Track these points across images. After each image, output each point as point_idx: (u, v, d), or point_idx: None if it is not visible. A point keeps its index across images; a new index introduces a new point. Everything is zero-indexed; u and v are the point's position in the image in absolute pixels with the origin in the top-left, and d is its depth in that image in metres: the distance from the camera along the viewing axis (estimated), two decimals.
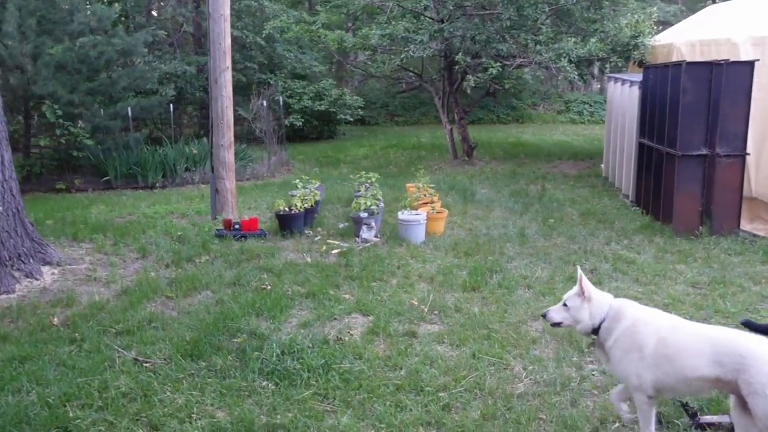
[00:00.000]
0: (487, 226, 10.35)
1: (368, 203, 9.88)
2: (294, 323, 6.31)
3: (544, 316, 4.29)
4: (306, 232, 10.03)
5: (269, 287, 7.30)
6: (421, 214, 9.67)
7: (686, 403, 4.26)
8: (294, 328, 6.18)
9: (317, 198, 10.94)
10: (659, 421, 4.37)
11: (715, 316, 6.32)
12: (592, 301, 4.15)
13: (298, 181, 11.33)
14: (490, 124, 30.88)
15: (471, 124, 19.70)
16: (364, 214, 9.76)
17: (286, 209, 10.06)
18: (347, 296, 7.05)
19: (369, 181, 11.64)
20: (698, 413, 4.17)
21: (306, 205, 10.29)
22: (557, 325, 4.26)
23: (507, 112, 32.22)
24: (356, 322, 6.37)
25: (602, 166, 16.01)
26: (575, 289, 4.19)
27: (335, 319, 6.41)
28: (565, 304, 4.22)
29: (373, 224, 9.51)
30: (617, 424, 4.34)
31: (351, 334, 5.95)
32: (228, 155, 11.02)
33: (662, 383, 3.92)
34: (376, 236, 9.57)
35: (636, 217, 10.87)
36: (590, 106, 32.69)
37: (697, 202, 9.68)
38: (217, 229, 9.93)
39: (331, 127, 27.12)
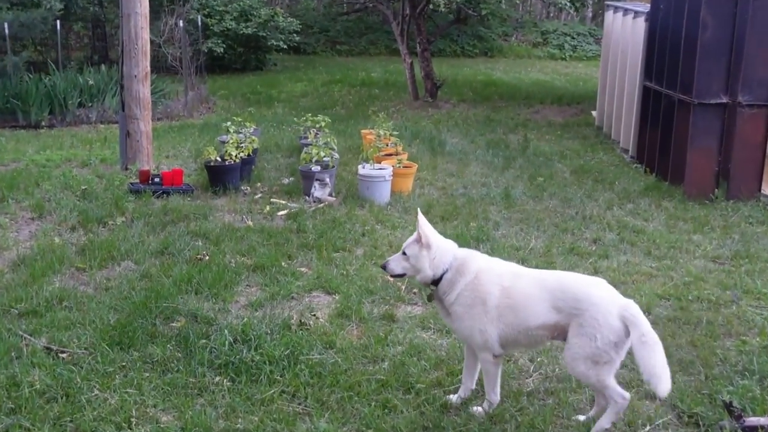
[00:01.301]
0: (464, 185, 10.40)
1: (321, 154, 9.77)
2: (243, 303, 6.24)
3: (383, 267, 4.63)
4: (243, 188, 9.90)
5: (206, 257, 7.17)
6: (387, 169, 9.62)
7: (731, 402, 4.40)
8: (244, 309, 6.10)
9: (255, 146, 10.77)
10: (696, 424, 4.51)
11: (746, 297, 6.53)
12: (432, 249, 4.46)
13: (230, 123, 11.12)
14: (452, 58, 30.88)
15: (432, 58, 19.58)
16: (316, 168, 9.65)
17: (218, 159, 9.87)
18: (304, 270, 7.00)
19: (318, 125, 11.50)
20: (743, 415, 4.31)
21: (242, 155, 10.12)
22: (399, 276, 4.64)
23: (473, 43, 32.21)
24: (320, 302, 6.33)
25: (594, 113, 16.25)
26: (415, 235, 4.51)
27: (293, 298, 6.36)
28: (404, 253, 4.54)
29: (327, 180, 9.43)
30: (648, 427, 4.45)
31: (316, 318, 5.91)
32: (143, 89, 10.69)
33: (506, 337, 4.36)
34: (330, 195, 9.50)
35: (639, 177, 11.12)
36: (572, 38, 33.01)
37: (713, 160, 9.94)
38: (131, 183, 9.70)
39: (259, 55, 26.61)
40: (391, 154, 10.80)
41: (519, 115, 17.30)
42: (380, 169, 9.65)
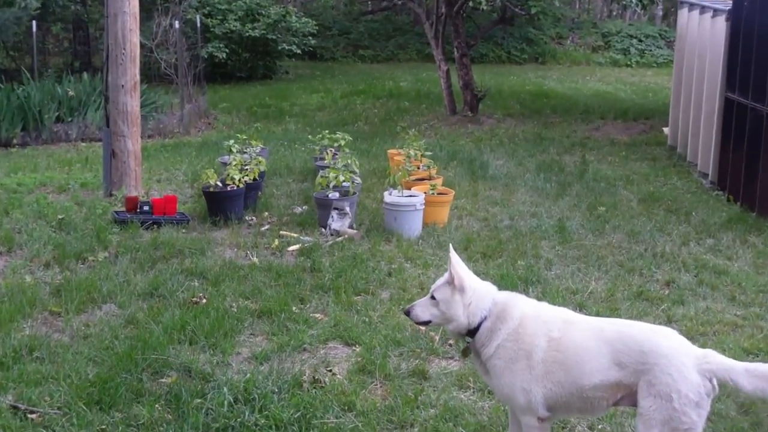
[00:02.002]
0: (510, 215, 10.40)
1: (341, 178, 9.81)
2: (245, 355, 6.24)
3: (407, 313, 4.61)
4: (247, 218, 9.95)
5: (203, 300, 7.20)
6: (418, 196, 9.66)
7: None
8: (247, 362, 6.10)
9: (262, 168, 10.85)
10: None
11: None
12: (467, 292, 4.44)
13: (232, 142, 11.23)
14: (497, 64, 31.10)
15: (473, 64, 19.71)
16: (334, 195, 9.70)
17: (218, 184, 9.95)
18: (319, 316, 7.00)
19: (337, 144, 11.57)
20: None
21: (247, 179, 10.20)
22: (425, 324, 4.62)
23: (521, 47, 32.39)
24: (337, 354, 6.32)
25: (666, 130, 16.25)
26: (446, 276, 4.49)
27: (305, 349, 6.35)
28: (433, 297, 4.51)
29: (348, 209, 9.46)
30: None
31: (333, 374, 5.89)
32: (132, 102, 10.83)
33: (555, 398, 4.27)
34: (351, 227, 9.52)
35: (720, 206, 11.06)
36: (639, 41, 33.08)
37: None
38: (116, 212, 9.77)
39: (268, 62, 26.96)
40: (423, 179, 10.80)
41: (576, 133, 17.28)
42: (410, 196, 9.66)
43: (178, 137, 16.99)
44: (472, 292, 4.43)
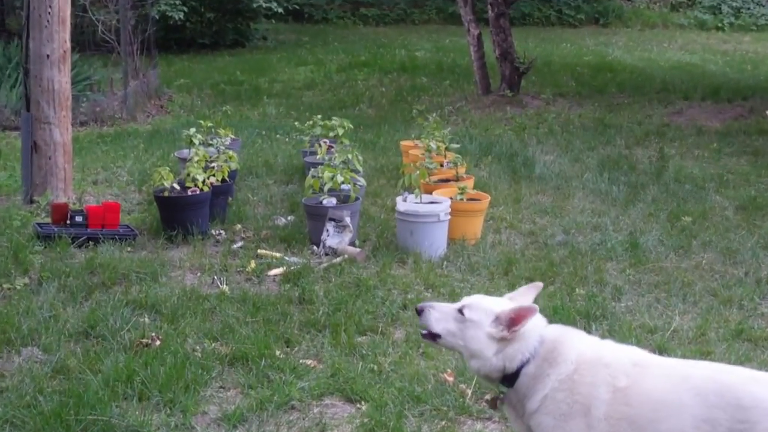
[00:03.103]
0: (564, 228, 10.39)
1: (338, 179, 9.79)
2: (214, 415, 6.20)
3: (419, 312, 4.59)
4: (214, 232, 9.93)
5: (156, 342, 7.15)
6: (442, 203, 9.64)
7: None
8: (216, 425, 6.06)
9: (233, 166, 10.83)
10: None
11: None
12: (518, 340, 4.40)
13: (193, 131, 11.19)
14: (544, 28, 31.09)
15: (513, 27, 19.64)
16: (329, 202, 9.68)
17: (175, 187, 9.93)
18: (311, 363, 6.96)
19: (333, 134, 11.55)
20: None
21: (213, 180, 10.19)
22: (432, 337, 4.54)
23: (576, 4, 32.44)
24: (336, 414, 6.29)
25: None
26: (501, 305, 4.46)
27: (293, 408, 6.32)
28: (461, 311, 4.46)
29: (348, 221, 9.44)
30: None
31: None
32: (60, 78, 10.85)
33: None
34: (352, 244, 9.52)
35: None
36: None
37: None
38: (39, 224, 9.75)
39: (239, 25, 27.00)
40: (448, 180, 10.77)
41: (651, 118, 17.24)
42: (431, 203, 9.64)
43: (120, 124, 16.96)
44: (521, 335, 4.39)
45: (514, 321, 4.33)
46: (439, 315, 4.47)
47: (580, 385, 4.24)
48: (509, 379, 4.39)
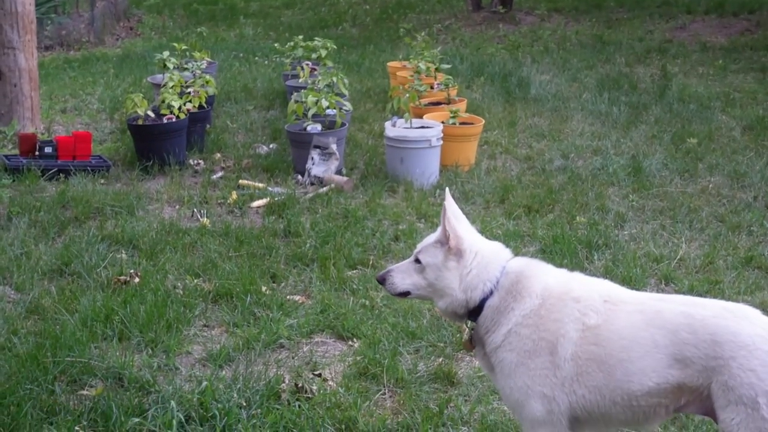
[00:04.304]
0: (562, 152, 10.40)
1: (323, 104, 9.75)
2: (199, 355, 6.23)
3: (380, 281, 4.65)
4: (192, 161, 9.92)
5: (135, 279, 7.16)
6: (433, 128, 9.63)
7: None
8: (201, 365, 6.09)
9: (210, 91, 10.78)
10: None
11: None
12: (465, 255, 4.41)
13: (166, 54, 11.11)
14: None
15: None
16: (314, 128, 9.67)
17: (150, 114, 9.88)
18: (299, 299, 6.98)
19: (316, 56, 11.49)
20: None
21: (190, 107, 10.15)
22: (403, 295, 4.62)
23: None
24: (328, 352, 6.32)
25: None
26: (437, 232, 4.50)
27: (282, 346, 6.35)
28: (417, 260, 4.51)
29: (334, 148, 9.43)
30: None
31: (323, 379, 5.88)
32: None
33: (589, 409, 4.21)
34: (339, 172, 9.51)
35: None
36: None
37: None
38: (6, 156, 9.73)
39: None
40: (439, 103, 10.74)
41: (652, 34, 17.19)
42: (422, 128, 9.62)
43: (88, 48, 16.88)
44: (472, 256, 4.39)
45: (446, 235, 4.36)
46: (400, 275, 4.52)
47: (547, 321, 4.23)
48: (474, 313, 4.39)
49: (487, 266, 4.37)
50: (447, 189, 4.86)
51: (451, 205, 4.41)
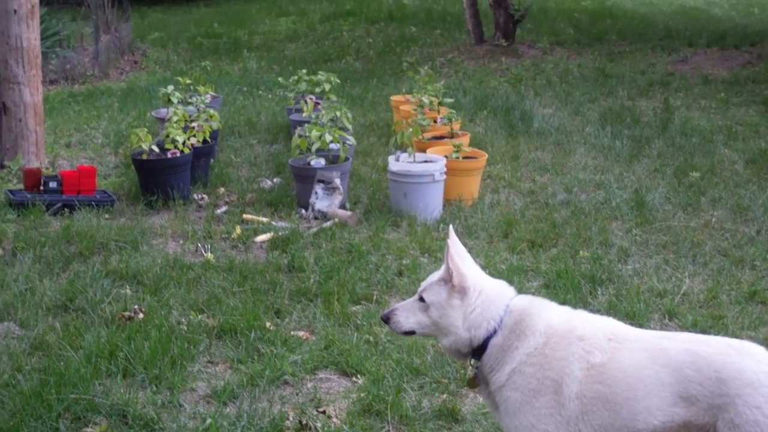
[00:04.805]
0: (565, 186, 10.40)
1: (327, 138, 9.77)
2: (203, 392, 6.21)
3: (385, 320, 4.65)
4: (196, 196, 9.93)
5: (139, 315, 7.15)
6: (436, 162, 9.64)
7: None
8: (205, 402, 6.07)
9: (214, 125, 10.81)
10: None
11: None
12: (469, 294, 4.42)
13: (171, 88, 11.16)
14: None
15: None
16: (318, 162, 9.68)
17: (154, 149, 9.90)
18: (303, 334, 6.97)
19: (320, 90, 11.52)
20: None
21: (194, 141, 10.17)
22: (408, 334, 4.62)
23: None
24: (332, 388, 6.31)
25: None
26: (441, 270, 4.49)
27: (286, 382, 6.33)
28: (421, 299, 4.52)
29: (338, 183, 9.44)
30: None
31: (327, 416, 5.88)
32: (29, 34, 10.79)
33: None
34: (343, 206, 9.52)
35: None
36: None
37: None
38: (11, 191, 9.73)
39: None
40: (442, 137, 10.75)
41: (654, 67, 17.24)
42: (426, 162, 9.63)
43: (92, 82, 16.92)
44: (476, 295, 4.40)
45: (450, 273, 4.38)
46: (405, 314, 4.51)
47: (551, 359, 4.23)
48: (478, 352, 4.40)
49: (490, 305, 4.38)
50: (451, 226, 4.85)
51: (454, 243, 4.43)
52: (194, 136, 10.18)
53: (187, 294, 7.58)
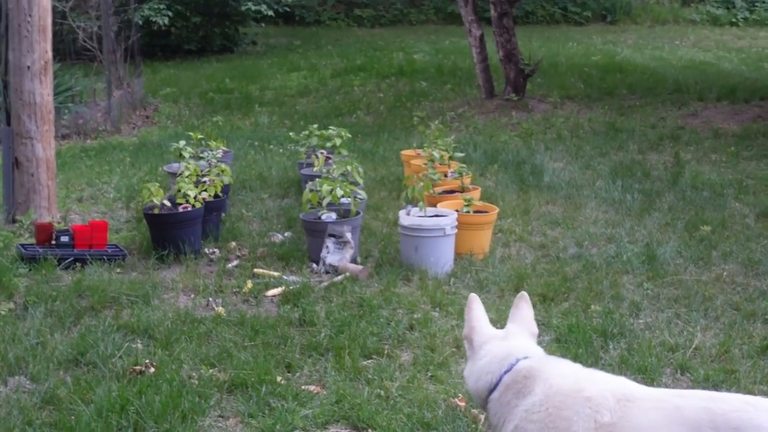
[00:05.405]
0: (576, 240, 10.42)
1: (338, 193, 9.80)
2: None
3: None
4: (208, 250, 9.96)
5: (150, 369, 7.15)
6: (447, 216, 9.67)
7: None
8: None
9: (226, 180, 10.85)
10: None
11: None
12: (475, 347, 4.55)
13: (182, 143, 11.21)
14: (549, 26, 31.16)
15: (517, 27, 19.60)
16: (329, 216, 9.71)
17: (166, 204, 9.94)
18: (314, 389, 6.96)
19: (331, 144, 11.57)
20: None
21: (206, 195, 10.22)
22: None
23: (581, 1, 32.47)
24: None
25: None
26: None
27: None
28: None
29: (349, 237, 9.45)
30: None
31: None
32: (41, 89, 10.85)
33: None
34: (354, 260, 9.53)
35: None
36: None
37: None
38: (23, 245, 9.77)
39: (227, 29, 27.05)
40: (453, 191, 10.79)
41: (664, 121, 17.27)
42: (436, 216, 9.66)
43: (104, 137, 17.00)
44: (483, 348, 4.48)
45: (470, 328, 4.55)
46: None
47: (556, 419, 4.16)
48: (483, 405, 4.47)
49: (494, 360, 4.42)
50: (474, 295, 4.88)
51: (475, 299, 4.60)
52: (206, 190, 10.22)
53: (198, 348, 7.58)
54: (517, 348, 4.46)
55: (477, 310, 4.57)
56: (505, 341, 4.50)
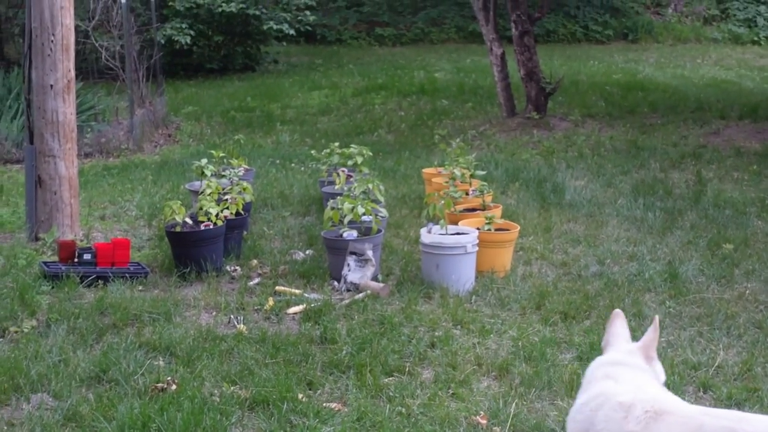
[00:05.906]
0: (598, 258, 10.39)
1: (359, 210, 9.81)
2: None
3: None
4: (229, 268, 9.97)
5: (172, 387, 7.16)
6: (469, 234, 9.67)
7: None
8: None
9: (247, 198, 10.86)
10: None
11: None
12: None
13: (204, 161, 11.25)
14: (570, 45, 31.15)
15: (538, 45, 19.62)
16: (350, 234, 9.72)
17: (188, 221, 9.96)
18: (335, 406, 6.96)
19: (352, 162, 11.58)
20: None
21: (227, 213, 10.23)
22: None
23: (604, 19, 32.49)
24: None
25: None
26: None
27: None
28: None
29: (370, 254, 9.46)
30: None
31: None
32: (64, 108, 10.90)
33: None
34: (375, 278, 9.53)
35: None
36: None
37: None
38: (45, 263, 9.78)
39: (249, 48, 27.15)
40: (474, 209, 10.78)
41: (686, 139, 17.26)
42: (458, 234, 9.65)
43: (127, 155, 17.07)
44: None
45: None
46: None
47: (593, 416, 4.35)
48: None
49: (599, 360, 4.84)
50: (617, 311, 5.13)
51: (619, 314, 4.98)
52: (227, 208, 10.23)
53: (219, 365, 7.59)
54: (618, 350, 4.85)
55: (617, 326, 4.88)
56: (617, 347, 4.83)
